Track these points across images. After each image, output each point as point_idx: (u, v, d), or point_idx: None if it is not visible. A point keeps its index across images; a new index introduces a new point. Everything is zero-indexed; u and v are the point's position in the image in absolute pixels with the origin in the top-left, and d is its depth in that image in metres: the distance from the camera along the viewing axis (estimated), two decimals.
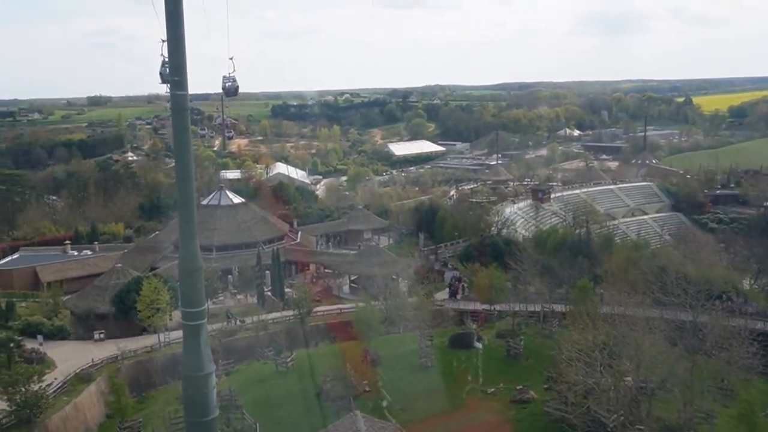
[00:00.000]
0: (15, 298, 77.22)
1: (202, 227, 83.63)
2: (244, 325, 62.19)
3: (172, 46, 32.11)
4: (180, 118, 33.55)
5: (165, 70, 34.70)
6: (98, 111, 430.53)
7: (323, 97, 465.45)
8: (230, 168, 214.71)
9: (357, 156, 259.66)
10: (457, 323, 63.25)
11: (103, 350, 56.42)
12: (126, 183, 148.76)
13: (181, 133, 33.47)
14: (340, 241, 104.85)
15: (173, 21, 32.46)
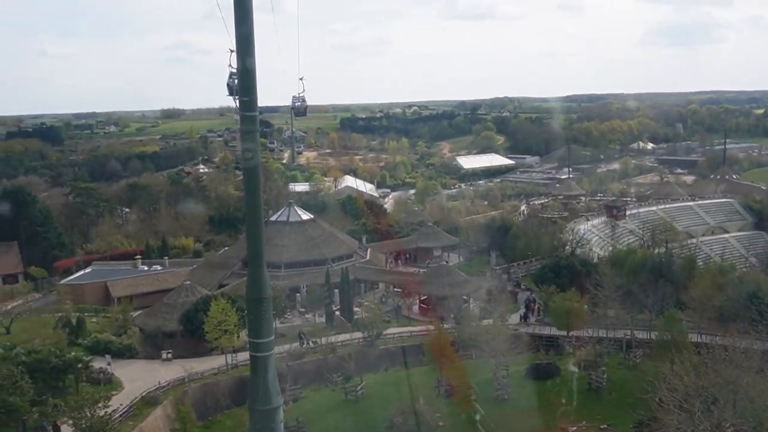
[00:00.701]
0: (86, 313, 77.87)
1: (270, 244, 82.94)
2: (317, 346, 60.41)
3: (241, 66, 30.67)
4: (249, 140, 31.96)
5: (232, 81, 33.33)
6: (171, 123, 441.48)
7: (391, 110, 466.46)
8: (299, 181, 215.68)
9: (425, 169, 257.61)
10: (533, 349, 60.22)
11: (170, 371, 55.53)
12: (196, 196, 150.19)
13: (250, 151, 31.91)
14: (409, 258, 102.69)
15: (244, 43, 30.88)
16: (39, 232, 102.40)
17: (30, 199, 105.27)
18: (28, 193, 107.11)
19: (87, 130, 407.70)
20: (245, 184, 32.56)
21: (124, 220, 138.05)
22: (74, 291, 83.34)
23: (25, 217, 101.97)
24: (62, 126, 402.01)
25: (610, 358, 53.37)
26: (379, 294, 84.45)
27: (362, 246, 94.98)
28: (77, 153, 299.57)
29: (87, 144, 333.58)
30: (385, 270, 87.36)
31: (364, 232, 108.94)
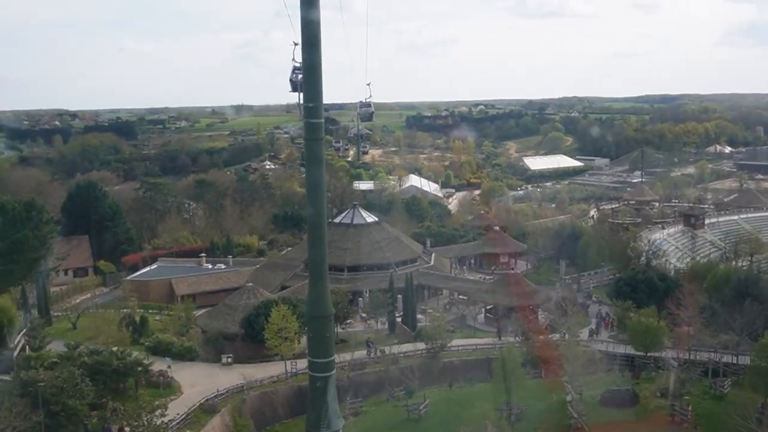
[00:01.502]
0: (150, 310, 78.25)
1: (333, 246, 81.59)
2: (384, 356, 58.52)
3: (307, 72, 28.99)
4: (314, 148, 30.35)
5: (296, 77, 31.75)
6: (240, 119, 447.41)
7: (457, 108, 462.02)
8: (363, 179, 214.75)
9: (491, 169, 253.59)
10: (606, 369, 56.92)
11: (229, 376, 54.63)
12: (261, 194, 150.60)
13: (315, 164, 30.27)
14: (474, 264, 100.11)
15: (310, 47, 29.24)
16: (108, 227, 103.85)
17: (101, 194, 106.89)
18: (99, 188, 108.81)
19: (159, 125, 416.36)
20: (309, 198, 30.88)
21: (191, 215, 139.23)
22: (139, 287, 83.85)
23: (96, 212, 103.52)
24: (136, 121, 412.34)
25: (694, 385, 49.61)
26: (444, 301, 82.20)
27: (426, 250, 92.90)
28: (149, 147, 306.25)
29: (159, 139, 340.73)
30: (450, 276, 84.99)
31: (429, 234, 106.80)
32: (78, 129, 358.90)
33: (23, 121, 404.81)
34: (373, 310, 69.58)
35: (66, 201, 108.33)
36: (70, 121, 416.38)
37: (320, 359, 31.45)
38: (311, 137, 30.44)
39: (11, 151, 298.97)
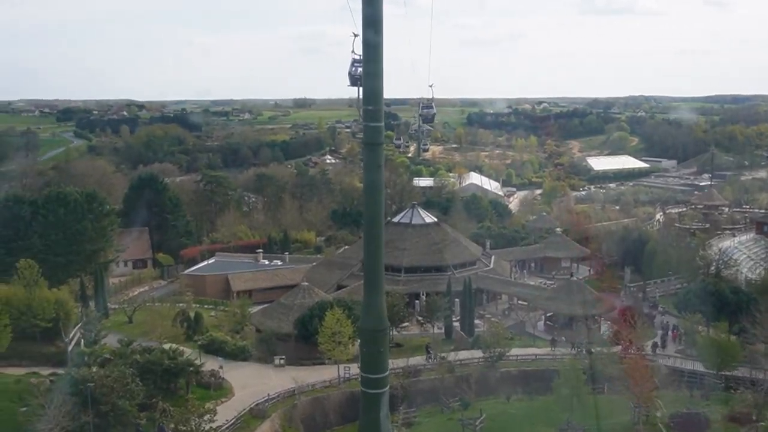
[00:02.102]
0: (206, 305, 78.24)
1: (391, 247, 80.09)
2: (443, 363, 56.66)
3: (368, 72, 27.31)
4: (372, 154, 28.64)
5: (355, 70, 30.25)
6: (302, 113, 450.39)
7: (520, 106, 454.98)
8: (423, 176, 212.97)
9: (553, 169, 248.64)
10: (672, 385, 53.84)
11: (281, 378, 53.62)
12: (321, 189, 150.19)
13: (373, 170, 28.59)
14: (535, 267, 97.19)
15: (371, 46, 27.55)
16: (168, 220, 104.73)
17: (161, 186, 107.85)
18: (160, 180, 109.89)
19: (223, 117, 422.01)
20: (366, 206, 29.21)
21: (251, 208, 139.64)
22: (196, 282, 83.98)
23: (157, 204, 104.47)
24: (201, 112, 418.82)
25: None
26: (503, 306, 79.83)
27: (486, 252, 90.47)
28: (212, 139, 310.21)
29: (222, 131, 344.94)
30: (510, 281, 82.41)
31: (488, 235, 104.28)
32: (144, 120, 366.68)
33: (93, 111, 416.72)
34: (429, 313, 67.73)
35: (127, 192, 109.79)
36: (138, 111, 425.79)
37: (373, 375, 29.82)
38: (370, 142, 28.70)
39: (80, 140, 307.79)
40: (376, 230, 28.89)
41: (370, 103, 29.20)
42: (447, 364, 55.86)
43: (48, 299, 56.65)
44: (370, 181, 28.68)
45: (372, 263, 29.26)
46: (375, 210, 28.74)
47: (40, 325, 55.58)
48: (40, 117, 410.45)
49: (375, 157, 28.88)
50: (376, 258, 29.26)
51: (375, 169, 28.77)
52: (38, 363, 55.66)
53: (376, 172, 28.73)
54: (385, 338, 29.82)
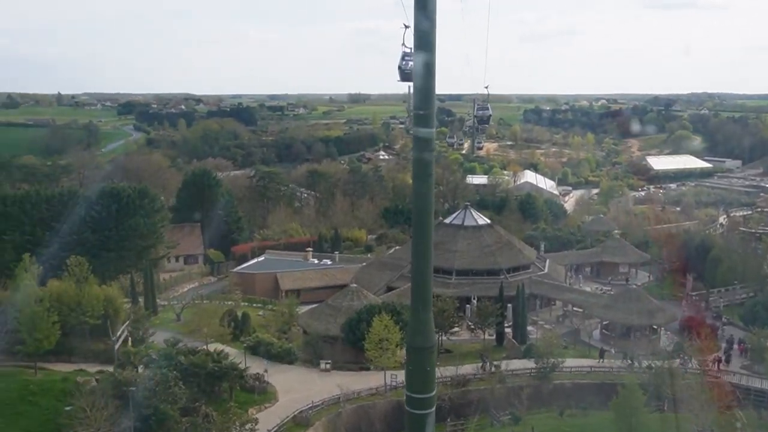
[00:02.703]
0: (254, 303, 77.84)
1: (442, 249, 78.44)
2: (498, 372, 54.78)
3: (420, 73, 25.47)
4: (422, 163, 26.75)
5: (405, 64, 28.42)
6: (357, 108, 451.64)
7: (578, 102, 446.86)
8: (477, 173, 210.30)
9: (611, 168, 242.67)
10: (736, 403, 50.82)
11: (326, 384, 52.49)
12: (373, 186, 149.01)
13: (422, 181, 26.74)
14: (591, 272, 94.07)
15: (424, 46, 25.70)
16: (220, 216, 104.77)
17: (214, 182, 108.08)
18: (212, 176, 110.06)
19: (278, 111, 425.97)
20: (414, 219, 27.60)
21: (302, 204, 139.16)
22: (245, 280, 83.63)
23: (208, 200, 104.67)
24: (256, 107, 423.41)
25: None
26: (557, 312, 77.23)
27: (540, 256, 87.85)
28: (267, 134, 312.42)
29: (277, 125, 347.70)
30: (565, 286, 79.66)
31: (543, 237, 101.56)
32: (201, 113, 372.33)
33: (152, 105, 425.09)
34: (480, 318, 65.60)
35: (180, 188, 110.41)
36: (195, 105, 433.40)
37: (419, 395, 27.91)
38: (420, 150, 26.79)
39: (140, 133, 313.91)
40: (425, 246, 27.06)
41: (422, 107, 27.14)
42: (498, 374, 53.84)
43: (97, 296, 56.51)
44: (419, 193, 26.75)
45: (420, 278, 27.42)
46: (423, 224, 26.83)
47: (89, 322, 55.54)
48: (102, 110, 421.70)
49: (425, 166, 26.96)
50: (424, 273, 27.40)
51: (425, 180, 26.83)
52: (87, 359, 55.76)
53: (426, 183, 26.78)
54: (432, 356, 28.03)
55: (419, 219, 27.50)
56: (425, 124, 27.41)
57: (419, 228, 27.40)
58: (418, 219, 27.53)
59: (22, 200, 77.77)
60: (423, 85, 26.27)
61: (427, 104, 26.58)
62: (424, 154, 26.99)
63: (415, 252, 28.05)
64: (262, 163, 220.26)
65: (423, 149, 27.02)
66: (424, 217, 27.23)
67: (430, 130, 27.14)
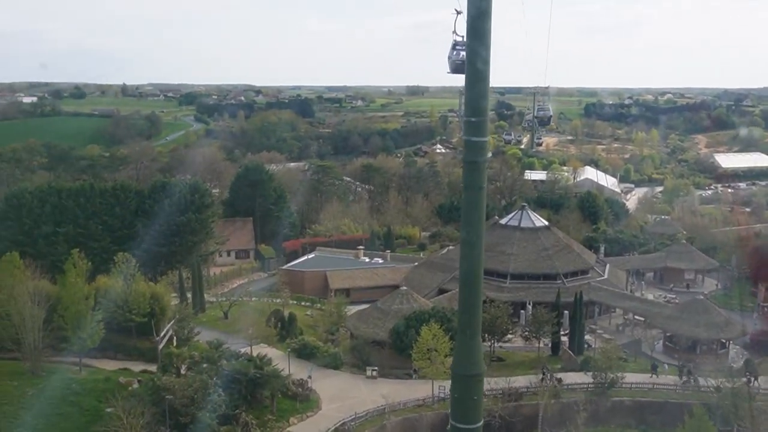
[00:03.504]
0: (303, 302, 76.51)
1: (497, 251, 75.90)
2: (561, 386, 52.05)
3: (470, 80, 23.30)
4: (473, 173, 24.51)
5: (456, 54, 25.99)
6: (415, 100, 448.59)
7: (642, 96, 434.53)
8: (536, 168, 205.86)
9: (676, 165, 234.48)
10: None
11: (372, 391, 50.67)
12: (428, 182, 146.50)
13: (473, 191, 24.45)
14: (654, 278, 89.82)
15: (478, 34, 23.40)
16: (272, 211, 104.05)
17: (267, 176, 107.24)
18: (265, 171, 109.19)
19: (336, 103, 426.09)
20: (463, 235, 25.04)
21: (356, 197, 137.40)
22: (294, 278, 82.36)
23: (261, 195, 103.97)
24: (314, 99, 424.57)
25: None
26: (617, 320, 73.64)
27: (600, 260, 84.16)
28: (324, 126, 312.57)
29: (334, 117, 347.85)
30: (626, 294, 75.79)
31: (603, 239, 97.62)
32: (260, 105, 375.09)
33: (213, 96, 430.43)
34: (535, 326, 62.62)
35: (233, 182, 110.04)
36: (254, 96, 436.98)
37: (464, 425, 25.96)
38: (472, 159, 24.48)
39: (200, 124, 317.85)
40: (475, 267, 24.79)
41: (474, 113, 24.82)
42: (553, 388, 50.99)
43: (144, 294, 55.93)
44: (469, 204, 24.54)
45: (468, 302, 25.25)
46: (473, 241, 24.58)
47: (135, 320, 54.95)
48: (164, 101, 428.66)
49: (477, 176, 24.67)
50: (473, 297, 25.23)
51: (476, 191, 24.54)
52: (132, 357, 55.39)
53: (477, 195, 24.50)
54: (479, 385, 25.83)
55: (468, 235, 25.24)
56: (476, 131, 24.99)
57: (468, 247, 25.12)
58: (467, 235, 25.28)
59: (77, 193, 78.01)
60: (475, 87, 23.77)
61: (479, 110, 24.17)
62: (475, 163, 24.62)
63: (464, 276, 25.73)
64: (318, 155, 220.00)
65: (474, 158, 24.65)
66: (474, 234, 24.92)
67: (482, 139, 24.73)
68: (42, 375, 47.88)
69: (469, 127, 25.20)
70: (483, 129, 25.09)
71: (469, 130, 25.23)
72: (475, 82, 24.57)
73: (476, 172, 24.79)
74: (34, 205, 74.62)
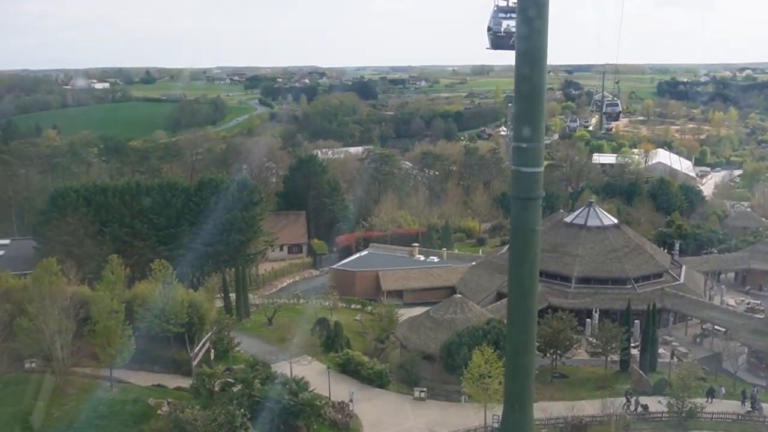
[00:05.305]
0: (353, 305, 72.77)
1: (561, 251, 70.76)
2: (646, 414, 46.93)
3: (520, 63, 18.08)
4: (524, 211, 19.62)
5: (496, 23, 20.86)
6: (480, 80, 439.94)
7: (719, 73, 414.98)
8: (605, 151, 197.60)
9: (756, 146, 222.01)
10: None
11: (419, 416, 46.50)
12: (491, 169, 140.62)
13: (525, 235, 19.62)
14: (735, 279, 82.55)
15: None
16: (326, 204, 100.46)
17: (320, 168, 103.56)
18: (319, 163, 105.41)
19: (399, 84, 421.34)
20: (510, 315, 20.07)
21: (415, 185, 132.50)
22: (345, 278, 78.63)
23: (314, 187, 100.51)
24: (377, 80, 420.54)
25: None
26: (693, 329, 67.22)
27: (675, 261, 77.48)
28: (387, 108, 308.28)
29: (397, 99, 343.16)
30: (705, 303, 68.93)
31: (678, 235, 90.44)
32: (324, 87, 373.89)
33: (278, 79, 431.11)
34: (602, 337, 56.98)
35: (287, 174, 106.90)
36: (318, 79, 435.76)
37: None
38: (523, 196, 19.65)
39: (264, 107, 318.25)
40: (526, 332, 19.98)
41: (523, 137, 19.74)
42: (622, 419, 45.66)
43: (182, 302, 53.03)
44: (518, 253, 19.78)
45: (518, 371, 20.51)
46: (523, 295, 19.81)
47: (172, 330, 52.17)
48: (230, 84, 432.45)
49: (528, 217, 19.76)
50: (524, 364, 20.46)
51: (527, 236, 19.69)
52: (169, 370, 52.91)
53: (528, 240, 19.70)
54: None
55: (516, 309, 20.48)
56: (529, 160, 20.00)
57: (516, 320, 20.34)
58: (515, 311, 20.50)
59: (123, 192, 75.96)
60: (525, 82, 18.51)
61: (533, 132, 19.07)
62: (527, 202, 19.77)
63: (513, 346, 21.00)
64: (380, 139, 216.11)
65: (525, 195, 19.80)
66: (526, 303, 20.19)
67: (535, 170, 19.73)
68: (70, 393, 45.37)
69: (519, 155, 20.19)
70: (537, 156, 19.96)
71: (519, 158, 20.22)
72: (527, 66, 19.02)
73: (528, 210, 19.78)
74: (79, 204, 72.82)
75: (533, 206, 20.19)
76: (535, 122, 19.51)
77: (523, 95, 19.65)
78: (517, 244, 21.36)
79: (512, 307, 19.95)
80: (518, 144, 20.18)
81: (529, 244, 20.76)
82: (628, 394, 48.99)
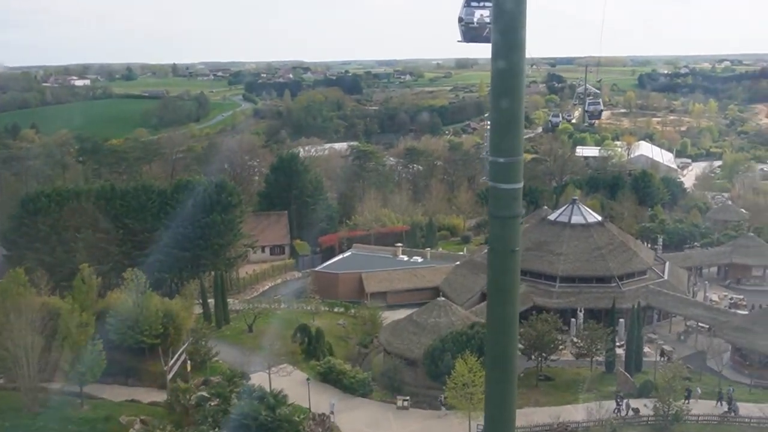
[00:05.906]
0: (336, 308, 71.54)
1: (545, 250, 70.04)
2: (636, 418, 46.07)
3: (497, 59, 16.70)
4: (503, 231, 18.11)
5: (468, 13, 18.99)
6: (464, 74, 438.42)
7: (698, 65, 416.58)
8: (588, 144, 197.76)
9: (735, 137, 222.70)
10: None
11: (402, 427, 45.42)
12: (475, 165, 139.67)
13: (504, 257, 18.31)
14: (718, 274, 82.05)
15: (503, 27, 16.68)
16: (308, 203, 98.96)
17: (302, 167, 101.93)
18: (300, 162, 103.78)
19: (384, 78, 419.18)
20: (489, 333, 19.26)
21: (399, 181, 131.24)
22: (327, 280, 77.29)
23: (296, 187, 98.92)
24: (362, 75, 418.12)
25: None
26: (677, 327, 66.59)
27: (659, 257, 76.91)
28: (371, 103, 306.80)
29: (382, 93, 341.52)
30: (689, 300, 68.30)
31: (661, 230, 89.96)
32: (308, 82, 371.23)
33: (261, 75, 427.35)
34: (587, 345, 56.05)
35: (268, 174, 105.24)
36: (302, 74, 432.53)
37: None
38: (500, 214, 17.92)
39: (248, 103, 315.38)
40: (506, 352, 18.51)
41: (501, 150, 17.93)
42: (607, 424, 44.80)
43: (156, 312, 51.63)
44: (497, 275, 18.22)
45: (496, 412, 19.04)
46: (503, 313, 18.39)
47: (147, 342, 50.77)
48: (214, 80, 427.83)
49: (507, 237, 18.21)
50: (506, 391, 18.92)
51: (506, 257, 18.17)
52: (144, 383, 51.51)
53: (508, 262, 18.17)
54: None
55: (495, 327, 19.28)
56: (507, 176, 18.25)
57: (496, 340, 19.11)
58: (495, 329, 19.28)
59: (97, 196, 74.10)
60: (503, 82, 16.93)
61: (510, 146, 17.50)
62: (505, 221, 18.12)
63: (492, 377, 19.73)
64: (364, 135, 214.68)
65: (503, 214, 18.15)
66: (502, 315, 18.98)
67: (513, 186, 17.99)
68: (39, 411, 43.79)
69: (496, 171, 18.37)
70: (516, 172, 18.14)
71: (497, 173, 18.39)
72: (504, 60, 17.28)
73: (506, 230, 18.08)
74: (51, 210, 70.93)
75: (512, 225, 18.46)
76: (514, 130, 17.73)
77: (500, 93, 17.78)
78: (495, 265, 19.62)
79: (492, 330, 18.69)
80: (495, 158, 18.42)
81: (509, 266, 19.11)
82: (619, 398, 48.18)
